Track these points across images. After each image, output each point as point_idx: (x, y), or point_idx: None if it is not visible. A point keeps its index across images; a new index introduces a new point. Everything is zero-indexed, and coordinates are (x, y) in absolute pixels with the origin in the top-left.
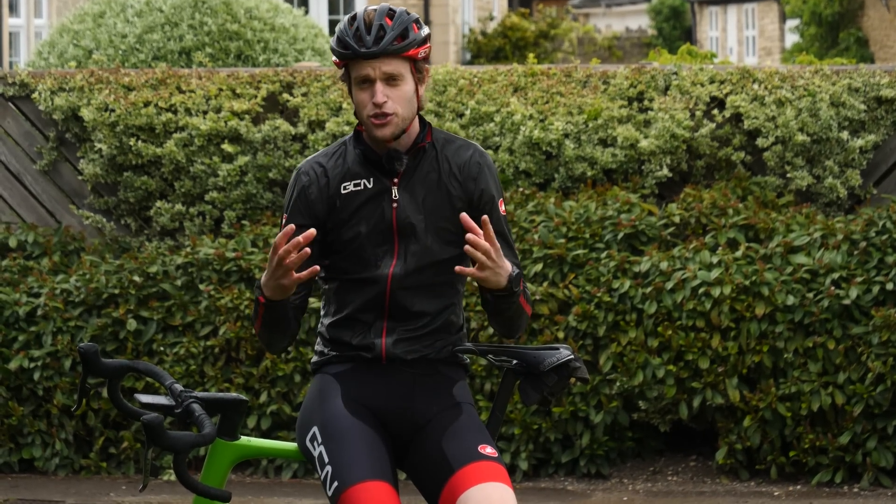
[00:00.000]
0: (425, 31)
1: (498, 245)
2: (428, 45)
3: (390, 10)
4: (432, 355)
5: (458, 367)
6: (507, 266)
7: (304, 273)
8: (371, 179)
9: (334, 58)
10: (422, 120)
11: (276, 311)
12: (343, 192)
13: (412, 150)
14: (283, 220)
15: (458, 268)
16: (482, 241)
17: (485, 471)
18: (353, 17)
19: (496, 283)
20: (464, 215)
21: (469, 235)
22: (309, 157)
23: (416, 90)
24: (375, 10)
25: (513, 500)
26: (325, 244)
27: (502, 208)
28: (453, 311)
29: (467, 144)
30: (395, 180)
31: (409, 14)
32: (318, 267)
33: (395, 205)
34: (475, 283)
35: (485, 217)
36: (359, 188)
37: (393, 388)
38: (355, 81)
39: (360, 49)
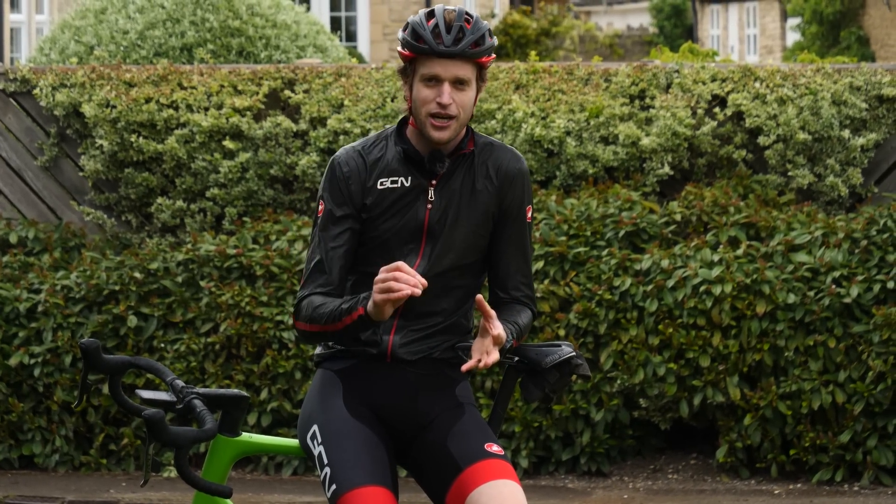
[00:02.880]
0: (494, 41)
1: (499, 333)
2: (494, 55)
3: (468, 14)
4: (436, 354)
5: (460, 366)
6: (503, 339)
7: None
8: (409, 178)
9: (401, 49)
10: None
11: (362, 328)
12: (379, 186)
13: (454, 154)
14: (320, 208)
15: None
16: (490, 345)
17: (494, 468)
18: (431, 13)
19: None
20: (479, 297)
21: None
22: (346, 146)
23: (475, 97)
24: (455, 10)
25: (522, 497)
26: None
27: (529, 215)
28: (464, 315)
29: (505, 149)
30: (434, 182)
31: (484, 21)
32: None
33: (429, 206)
34: (485, 283)
35: (490, 311)
36: (395, 185)
37: (395, 386)
38: (421, 78)
39: (439, 47)
